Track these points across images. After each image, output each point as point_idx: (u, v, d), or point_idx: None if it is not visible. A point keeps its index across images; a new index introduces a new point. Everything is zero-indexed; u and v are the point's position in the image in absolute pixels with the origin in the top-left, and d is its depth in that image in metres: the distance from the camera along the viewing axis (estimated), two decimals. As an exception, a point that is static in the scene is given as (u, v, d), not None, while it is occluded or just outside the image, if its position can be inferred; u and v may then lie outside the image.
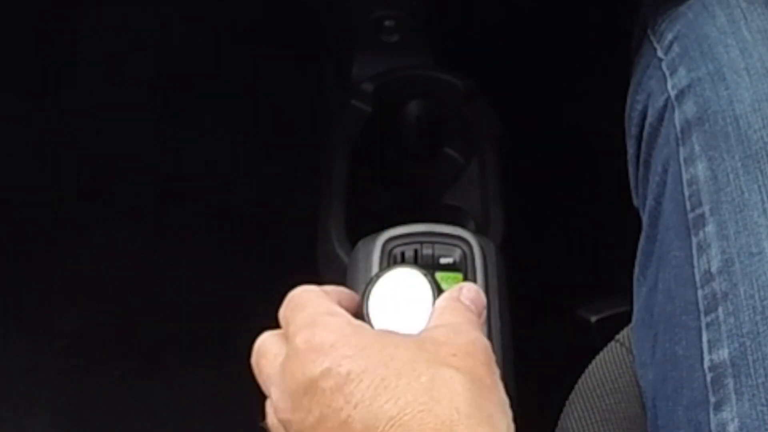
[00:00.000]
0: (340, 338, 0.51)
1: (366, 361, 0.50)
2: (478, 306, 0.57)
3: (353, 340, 0.51)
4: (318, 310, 0.54)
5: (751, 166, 0.63)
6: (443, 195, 1.07)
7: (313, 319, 0.53)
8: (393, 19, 1.16)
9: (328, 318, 0.53)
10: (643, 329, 0.70)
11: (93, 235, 1.28)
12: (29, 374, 1.18)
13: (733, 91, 0.66)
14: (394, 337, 0.52)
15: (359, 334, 0.52)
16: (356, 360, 0.50)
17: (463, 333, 0.53)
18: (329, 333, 0.51)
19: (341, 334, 0.51)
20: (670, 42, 0.73)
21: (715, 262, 0.62)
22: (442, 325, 0.54)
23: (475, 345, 0.53)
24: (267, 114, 1.33)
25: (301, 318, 0.53)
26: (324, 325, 0.52)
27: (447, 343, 0.52)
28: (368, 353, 0.50)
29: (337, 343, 0.51)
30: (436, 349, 0.51)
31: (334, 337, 0.51)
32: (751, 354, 0.59)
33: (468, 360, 0.51)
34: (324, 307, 0.54)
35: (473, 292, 0.57)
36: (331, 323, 0.52)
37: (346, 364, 0.50)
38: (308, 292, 0.56)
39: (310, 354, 0.51)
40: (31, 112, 1.36)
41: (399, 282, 0.59)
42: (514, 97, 1.17)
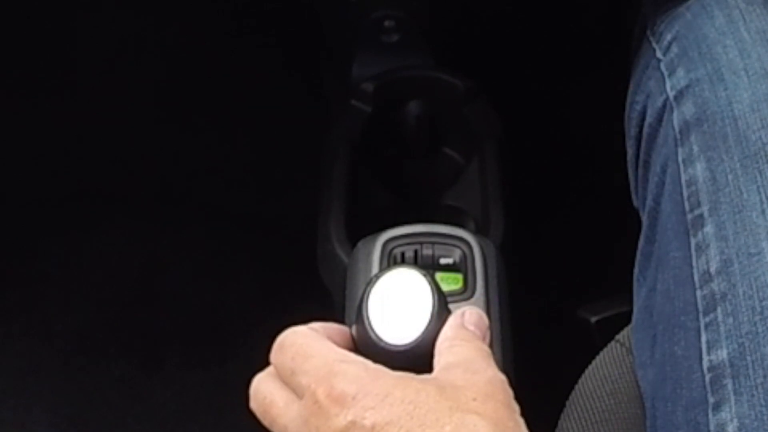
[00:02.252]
0: (361, 388, 0.50)
1: (389, 411, 0.49)
2: (482, 329, 0.57)
3: (374, 389, 0.50)
4: (329, 358, 0.53)
5: (749, 167, 0.63)
6: (443, 195, 1.07)
7: (330, 369, 0.52)
8: (393, 19, 1.15)
9: (345, 366, 0.52)
10: (643, 330, 0.70)
11: (93, 235, 1.28)
12: (29, 374, 1.18)
13: (732, 91, 0.66)
14: (414, 383, 0.52)
15: (379, 382, 0.51)
16: (379, 411, 0.49)
17: (480, 372, 0.53)
18: (349, 383, 0.51)
19: (361, 383, 0.51)
20: (668, 42, 0.73)
21: (713, 262, 0.62)
22: (457, 365, 0.54)
23: (494, 385, 0.53)
24: (267, 114, 1.33)
25: (313, 368, 0.53)
26: (343, 375, 0.51)
27: (466, 386, 0.52)
28: (391, 402, 0.50)
29: (358, 394, 0.50)
30: (456, 394, 0.51)
31: (355, 387, 0.50)
32: (750, 354, 0.59)
33: (489, 403, 0.51)
34: (334, 354, 0.53)
35: (475, 315, 0.57)
36: (349, 372, 0.51)
37: (370, 416, 0.49)
38: (302, 336, 0.55)
39: (333, 407, 0.50)
40: (31, 112, 1.36)
41: (399, 282, 0.59)
42: (514, 97, 1.17)
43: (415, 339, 0.58)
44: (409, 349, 0.58)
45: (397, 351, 0.57)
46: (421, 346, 0.58)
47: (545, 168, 1.25)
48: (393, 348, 0.57)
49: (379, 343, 0.57)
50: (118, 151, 1.34)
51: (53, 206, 1.30)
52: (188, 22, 1.35)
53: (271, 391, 0.55)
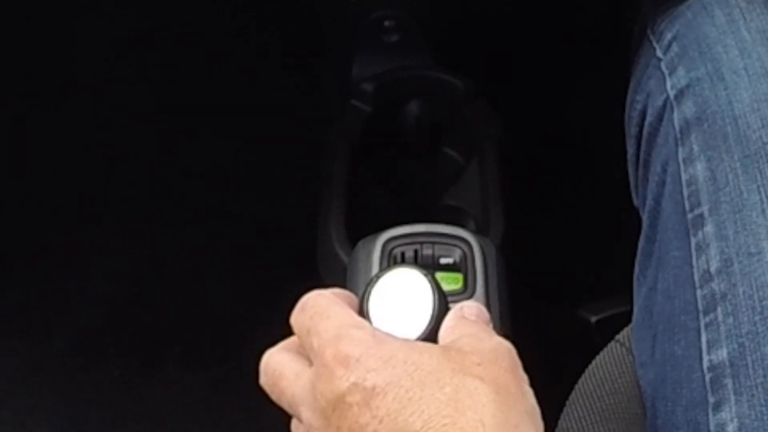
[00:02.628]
0: (365, 351, 0.50)
1: (390, 372, 0.49)
2: (483, 320, 0.57)
3: (378, 353, 0.50)
4: (343, 322, 0.53)
5: (749, 166, 0.63)
6: (443, 195, 1.07)
7: (338, 332, 0.52)
8: (393, 19, 1.16)
9: (353, 331, 0.52)
10: (643, 329, 0.70)
11: (93, 236, 1.28)
12: (29, 374, 1.18)
13: (732, 91, 0.66)
14: (418, 345, 0.52)
15: (384, 345, 0.51)
16: (381, 373, 0.49)
17: (485, 339, 0.53)
18: (355, 346, 0.51)
19: (366, 346, 0.51)
20: (669, 42, 0.73)
21: (714, 262, 0.62)
22: (463, 336, 0.54)
23: (498, 351, 0.52)
24: (267, 114, 1.33)
25: (326, 329, 0.53)
26: (350, 338, 0.51)
27: (471, 351, 0.51)
28: (393, 364, 0.50)
29: (362, 357, 0.50)
30: (461, 357, 0.51)
31: (359, 350, 0.50)
32: (750, 354, 0.59)
33: (492, 368, 0.51)
34: (348, 318, 0.53)
35: (474, 308, 0.57)
36: (356, 336, 0.51)
37: (371, 378, 0.49)
38: (325, 299, 0.55)
39: (338, 369, 0.50)
40: (31, 112, 1.36)
41: (399, 282, 0.59)
42: (514, 97, 1.17)
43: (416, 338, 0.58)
44: (410, 348, 0.58)
45: (398, 350, 0.57)
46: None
47: (545, 168, 1.25)
48: (393, 348, 0.57)
49: (380, 342, 0.57)
50: (118, 151, 1.34)
51: (53, 206, 1.30)
52: (188, 22, 1.35)
53: (281, 363, 0.55)
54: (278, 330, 0.58)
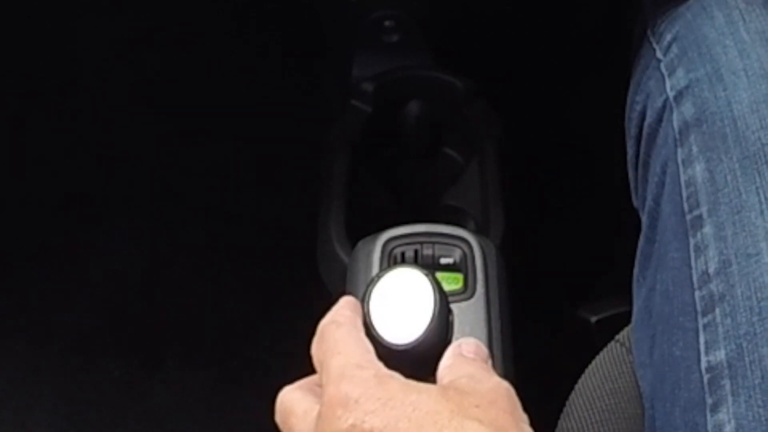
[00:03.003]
0: (365, 392, 0.51)
1: (388, 414, 0.50)
2: (481, 356, 0.57)
3: (377, 393, 0.51)
4: (350, 360, 0.53)
5: (748, 168, 0.63)
6: (443, 195, 1.07)
7: (343, 371, 0.52)
8: (393, 19, 1.15)
9: (355, 371, 0.52)
10: (642, 330, 0.70)
11: (93, 236, 1.28)
12: (29, 374, 1.18)
13: (731, 92, 0.66)
14: (418, 385, 0.52)
15: (384, 386, 0.51)
16: (378, 415, 0.50)
17: (484, 380, 0.53)
18: (355, 387, 0.51)
19: (366, 387, 0.51)
20: (668, 43, 0.73)
21: (712, 263, 0.62)
22: (461, 377, 0.54)
23: (497, 392, 0.52)
24: (267, 114, 1.33)
25: (333, 367, 0.53)
26: (351, 378, 0.52)
27: (470, 392, 0.52)
28: (391, 405, 0.50)
29: (361, 398, 0.51)
30: (459, 398, 0.51)
31: (359, 391, 0.51)
32: (748, 355, 0.59)
33: (491, 410, 0.51)
34: (357, 357, 0.54)
35: (473, 345, 0.57)
36: (357, 376, 0.52)
37: (369, 420, 0.50)
38: (343, 333, 0.56)
39: (337, 409, 0.51)
40: (31, 112, 1.37)
41: (400, 282, 0.59)
42: (514, 97, 1.17)
43: (417, 338, 0.58)
44: (411, 348, 0.58)
45: (399, 350, 0.57)
46: (422, 345, 0.58)
47: (545, 168, 1.25)
48: (394, 347, 0.57)
49: (381, 342, 0.57)
50: (118, 151, 1.34)
51: (53, 206, 1.30)
52: (188, 22, 1.35)
53: (292, 400, 0.56)
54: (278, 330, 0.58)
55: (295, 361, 0.60)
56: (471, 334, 0.70)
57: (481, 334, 0.71)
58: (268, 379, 1.13)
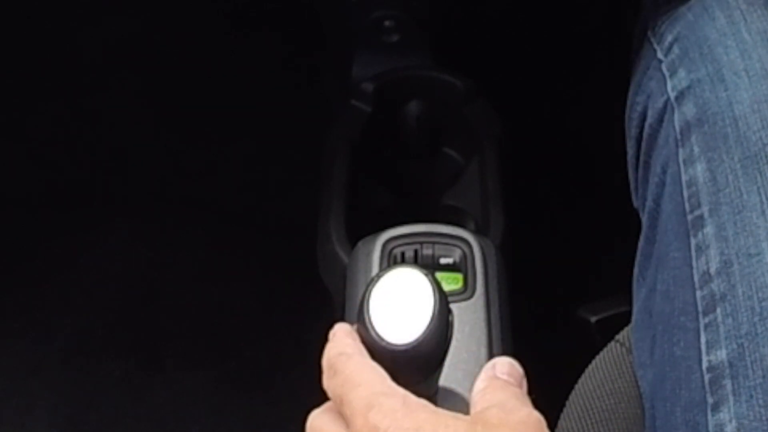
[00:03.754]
0: (393, 422, 0.51)
1: None
2: (516, 378, 0.57)
3: (406, 423, 0.51)
4: (374, 390, 0.53)
5: (749, 168, 0.63)
6: (443, 195, 1.07)
7: (369, 401, 0.52)
8: (393, 19, 1.16)
9: (382, 399, 0.52)
10: (642, 330, 0.70)
11: (93, 236, 1.28)
12: (29, 374, 1.18)
13: (733, 92, 0.66)
14: (446, 418, 0.52)
15: (412, 416, 0.51)
16: None
17: (514, 411, 0.53)
18: (383, 416, 0.51)
19: (394, 417, 0.51)
20: (670, 43, 0.73)
21: (713, 263, 0.62)
22: (492, 406, 0.54)
23: (527, 424, 0.52)
24: (267, 114, 1.33)
25: (356, 398, 0.53)
26: (379, 407, 0.52)
27: (498, 425, 0.51)
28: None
29: (390, 428, 0.51)
30: (486, 431, 0.51)
31: (387, 421, 0.51)
32: (749, 355, 0.59)
33: None
34: (379, 386, 0.54)
35: (507, 365, 0.57)
36: (385, 405, 0.52)
37: None
38: (356, 363, 0.56)
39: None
40: (31, 112, 1.37)
41: (400, 282, 0.59)
42: (514, 97, 1.17)
43: (417, 338, 0.58)
44: (411, 348, 0.58)
45: (399, 350, 0.57)
46: (422, 345, 0.58)
47: (545, 168, 1.25)
48: (394, 347, 0.57)
49: (381, 342, 0.57)
50: (118, 151, 1.34)
51: (53, 206, 1.30)
52: (188, 22, 1.35)
53: (321, 424, 0.56)
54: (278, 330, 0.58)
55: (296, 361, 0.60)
56: (471, 334, 0.70)
57: (481, 334, 0.71)
58: (268, 379, 1.14)
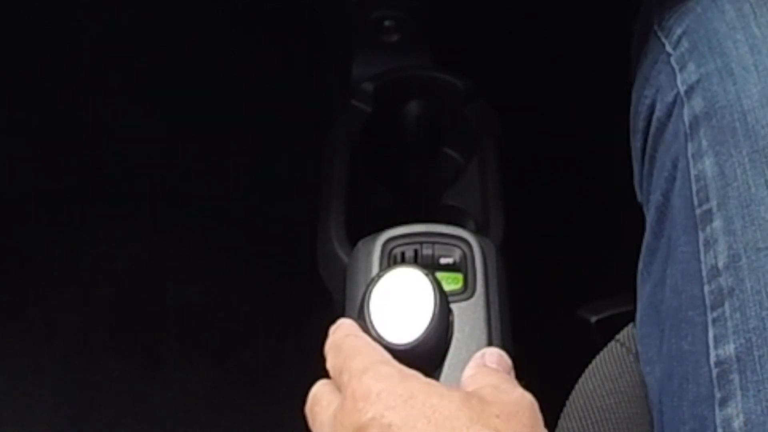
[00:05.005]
0: (387, 387, 0.51)
1: (408, 413, 0.50)
2: (505, 368, 0.57)
3: (399, 389, 0.51)
4: (373, 358, 0.54)
5: (758, 162, 0.63)
6: (443, 195, 1.07)
7: (366, 366, 0.53)
8: (393, 19, 1.15)
9: (380, 366, 0.53)
10: (649, 325, 0.70)
11: (93, 235, 1.28)
12: (29, 374, 1.18)
13: (741, 86, 0.66)
14: (441, 388, 0.52)
15: (406, 384, 0.52)
16: (399, 412, 0.50)
17: (507, 392, 0.53)
18: (378, 380, 0.52)
19: (389, 382, 0.52)
20: (678, 37, 0.72)
21: (721, 257, 0.62)
22: (485, 386, 0.54)
23: (520, 405, 0.52)
24: (267, 114, 1.33)
25: (356, 365, 0.54)
26: (375, 371, 0.52)
27: (493, 402, 0.52)
28: (411, 404, 0.50)
29: (382, 393, 0.51)
30: (481, 407, 0.51)
31: (381, 386, 0.51)
32: (757, 350, 0.59)
33: (512, 421, 0.51)
34: (378, 356, 0.55)
35: (496, 355, 0.58)
36: (381, 370, 0.53)
37: (389, 416, 0.50)
38: (360, 340, 0.57)
39: (358, 402, 0.51)
40: (31, 112, 1.36)
41: (400, 282, 0.59)
42: (514, 97, 1.17)
43: (417, 338, 0.58)
44: (411, 348, 0.58)
45: (399, 350, 0.57)
46: (423, 344, 0.58)
47: (545, 168, 1.25)
48: (395, 347, 0.58)
49: (381, 342, 0.57)
50: (119, 151, 1.34)
51: (53, 206, 1.30)
52: (188, 21, 1.35)
53: (322, 392, 0.57)
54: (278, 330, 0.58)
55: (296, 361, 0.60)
56: (471, 334, 0.70)
57: (480, 334, 0.71)
58: (268, 379, 1.14)
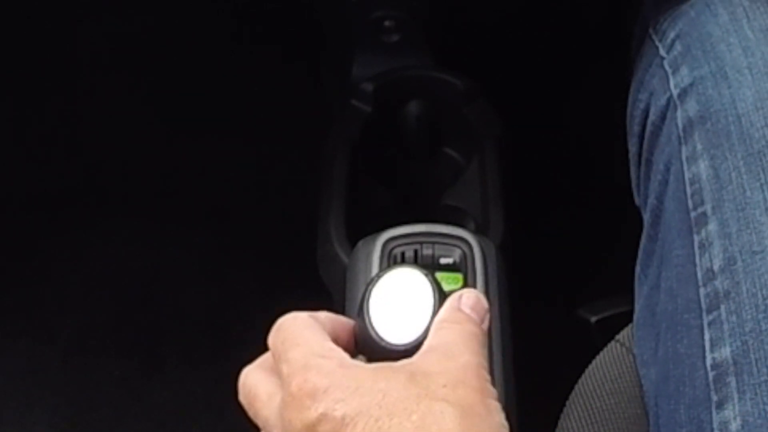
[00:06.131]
0: (333, 381, 0.51)
1: (359, 402, 0.50)
2: (479, 313, 0.57)
3: (345, 382, 0.51)
4: (312, 350, 0.53)
5: (753, 165, 0.64)
6: (443, 195, 1.07)
7: (307, 362, 0.53)
8: (393, 19, 1.16)
9: (320, 361, 0.53)
10: (645, 328, 0.70)
11: (93, 235, 1.28)
12: (29, 374, 1.18)
13: (736, 89, 0.66)
14: (385, 371, 0.52)
15: (351, 374, 0.52)
16: (349, 403, 0.50)
17: (455, 357, 0.53)
18: (322, 377, 0.51)
19: (334, 377, 0.51)
20: (672, 41, 0.73)
21: (717, 260, 0.62)
22: (436, 349, 0.54)
23: (466, 370, 0.52)
24: (267, 114, 1.33)
25: (294, 358, 0.53)
26: (317, 368, 0.52)
27: (438, 372, 0.52)
28: (361, 393, 0.50)
29: (330, 387, 0.51)
30: (426, 381, 0.51)
31: (327, 381, 0.51)
32: (754, 352, 0.59)
33: (459, 389, 0.51)
34: (317, 347, 0.54)
35: (473, 298, 0.57)
36: (324, 366, 0.52)
37: (341, 408, 0.50)
38: (300, 324, 0.56)
39: (305, 400, 0.51)
40: (31, 112, 1.36)
41: (399, 282, 0.59)
42: (514, 97, 1.17)
43: (417, 338, 0.58)
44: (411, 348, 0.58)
45: (399, 350, 0.57)
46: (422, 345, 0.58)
47: (545, 168, 1.25)
48: (394, 347, 0.57)
49: (381, 342, 0.57)
50: (119, 151, 1.34)
51: (53, 206, 1.30)
52: (188, 22, 1.35)
53: (256, 383, 0.56)
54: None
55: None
56: (471, 334, 0.70)
57: (481, 334, 0.71)
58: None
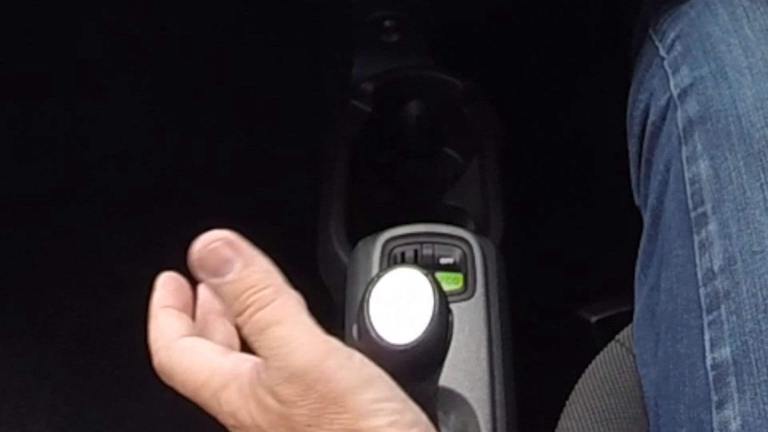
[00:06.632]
0: (243, 405, 0.51)
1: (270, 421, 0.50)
2: (221, 268, 0.52)
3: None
4: (203, 376, 0.53)
5: (753, 165, 0.64)
6: (443, 195, 1.07)
7: (214, 390, 0.53)
8: (393, 19, 1.16)
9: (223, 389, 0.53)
10: (645, 328, 0.70)
11: (93, 235, 1.28)
12: (29, 374, 1.18)
13: (736, 90, 0.66)
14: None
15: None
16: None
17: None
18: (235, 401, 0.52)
19: (242, 403, 0.52)
20: (672, 41, 0.73)
21: (717, 260, 0.62)
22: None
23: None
24: (267, 114, 1.33)
25: (200, 392, 0.54)
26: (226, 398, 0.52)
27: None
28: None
29: (240, 411, 0.51)
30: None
31: (239, 404, 0.51)
32: (754, 352, 0.59)
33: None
34: (207, 371, 0.53)
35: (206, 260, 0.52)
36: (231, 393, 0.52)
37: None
38: (176, 357, 0.54)
39: (229, 420, 0.52)
40: (31, 112, 1.36)
41: (400, 282, 0.59)
42: (514, 97, 1.17)
43: (417, 338, 0.58)
44: (411, 348, 0.58)
45: (399, 350, 0.58)
46: (422, 344, 0.58)
47: (545, 168, 1.25)
48: (394, 347, 0.58)
49: (381, 342, 0.58)
50: (119, 150, 1.34)
51: (53, 206, 1.30)
52: (188, 21, 1.35)
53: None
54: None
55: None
56: (471, 334, 0.70)
57: (480, 334, 0.71)
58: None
